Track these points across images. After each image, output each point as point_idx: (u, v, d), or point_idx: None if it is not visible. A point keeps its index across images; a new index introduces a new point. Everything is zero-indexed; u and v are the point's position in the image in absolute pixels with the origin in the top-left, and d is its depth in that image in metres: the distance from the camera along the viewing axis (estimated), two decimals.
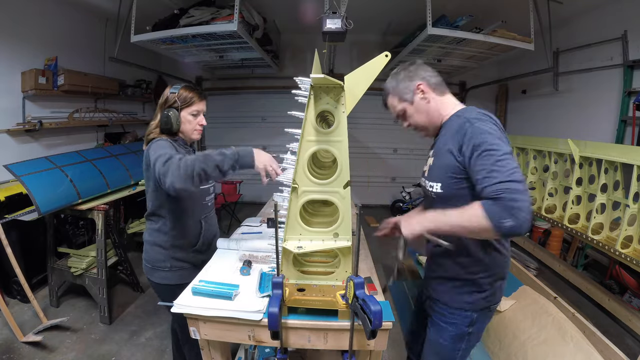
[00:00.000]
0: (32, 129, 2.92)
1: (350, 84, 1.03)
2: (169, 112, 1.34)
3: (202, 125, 1.44)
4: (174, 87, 1.38)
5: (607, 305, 2.30)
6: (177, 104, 1.35)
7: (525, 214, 0.79)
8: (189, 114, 1.38)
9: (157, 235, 1.40)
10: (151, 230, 1.42)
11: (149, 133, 1.39)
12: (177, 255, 1.41)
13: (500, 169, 0.85)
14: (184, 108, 1.37)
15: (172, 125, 1.34)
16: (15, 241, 2.39)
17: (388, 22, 4.38)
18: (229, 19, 2.83)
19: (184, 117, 1.38)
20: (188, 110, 1.38)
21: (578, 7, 3.27)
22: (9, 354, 2.04)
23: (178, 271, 1.40)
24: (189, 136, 1.43)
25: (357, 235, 0.92)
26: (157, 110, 1.40)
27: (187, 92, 1.37)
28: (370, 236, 1.97)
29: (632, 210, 1.85)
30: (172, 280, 1.39)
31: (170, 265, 1.40)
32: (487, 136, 0.91)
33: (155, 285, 1.45)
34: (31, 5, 2.98)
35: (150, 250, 1.42)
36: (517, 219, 0.79)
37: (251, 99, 5.42)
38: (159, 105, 1.40)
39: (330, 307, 0.99)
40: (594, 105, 3.32)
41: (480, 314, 1.15)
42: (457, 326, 1.16)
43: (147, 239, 1.44)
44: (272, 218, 1.45)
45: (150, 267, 1.42)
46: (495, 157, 0.87)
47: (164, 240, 1.39)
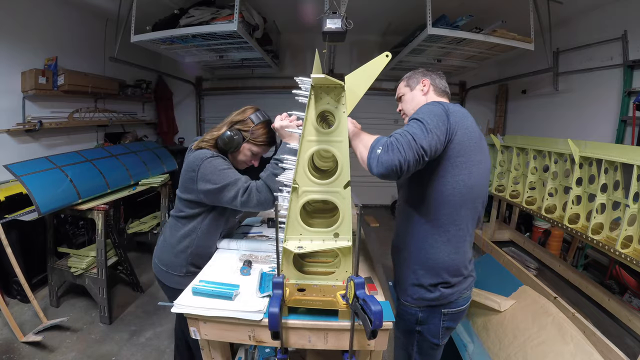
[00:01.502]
0: (32, 129, 2.92)
1: (351, 84, 1.03)
2: (234, 135, 1.28)
3: (252, 165, 1.40)
4: (257, 115, 1.32)
5: (607, 305, 2.30)
6: (247, 133, 1.30)
7: (395, 155, 0.89)
8: (249, 150, 1.33)
9: (182, 239, 1.37)
10: (176, 232, 1.38)
11: (205, 140, 1.33)
12: (195, 262, 1.38)
13: (407, 127, 0.99)
14: (250, 142, 1.32)
15: (228, 149, 1.29)
16: (15, 241, 2.38)
17: (388, 22, 4.38)
18: (229, 19, 2.83)
19: (244, 149, 1.32)
20: (251, 147, 1.33)
21: (578, 7, 3.27)
22: (9, 354, 2.04)
23: (192, 276, 1.37)
24: (236, 164, 1.38)
25: (357, 235, 0.92)
26: (225, 123, 1.34)
27: (265, 132, 1.32)
28: (370, 236, 1.96)
29: (632, 210, 1.85)
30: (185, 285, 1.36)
31: (186, 271, 1.37)
32: (420, 112, 1.03)
33: (167, 289, 1.42)
34: (31, 5, 2.98)
35: (169, 253, 1.38)
36: (387, 154, 0.90)
37: (251, 99, 5.42)
38: (231, 119, 1.34)
39: (330, 307, 0.99)
40: (594, 105, 3.32)
41: (427, 313, 1.16)
42: (405, 322, 1.22)
43: (169, 240, 1.40)
44: (272, 218, 1.45)
45: (164, 271, 1.39)
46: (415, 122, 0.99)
47: (186, 246, 1.37)
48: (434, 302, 1.16)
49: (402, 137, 0.93)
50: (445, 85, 1.25)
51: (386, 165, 0.90)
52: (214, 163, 1.24)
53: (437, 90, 1.23)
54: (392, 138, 0.94)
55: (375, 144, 0.96)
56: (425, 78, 1.24)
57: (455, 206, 1.09)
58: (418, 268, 1.16)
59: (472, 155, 1.06)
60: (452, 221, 1.10)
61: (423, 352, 1.24)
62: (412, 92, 1.25)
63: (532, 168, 2.77)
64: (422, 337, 1.21)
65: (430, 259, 1.13)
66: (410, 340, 1.23)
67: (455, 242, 1.12)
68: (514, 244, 3.49)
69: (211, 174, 1.23)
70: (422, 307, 1.17)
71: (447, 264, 1.13)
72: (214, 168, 1.23)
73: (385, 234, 4.34)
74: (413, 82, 1.26)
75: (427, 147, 0.93)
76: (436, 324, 1.18)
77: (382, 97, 4.91)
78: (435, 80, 1.24)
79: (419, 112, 1.02)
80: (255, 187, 1.21)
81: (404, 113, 1.29)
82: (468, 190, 1.08)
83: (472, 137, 1.06)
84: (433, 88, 1.23)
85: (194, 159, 1.27)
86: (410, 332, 1.22)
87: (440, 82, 1.25)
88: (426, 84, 1.23)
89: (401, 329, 1.26)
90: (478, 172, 1.09)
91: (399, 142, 0.91)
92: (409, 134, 0.93)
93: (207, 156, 1.25)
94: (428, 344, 1.22)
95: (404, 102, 1.29)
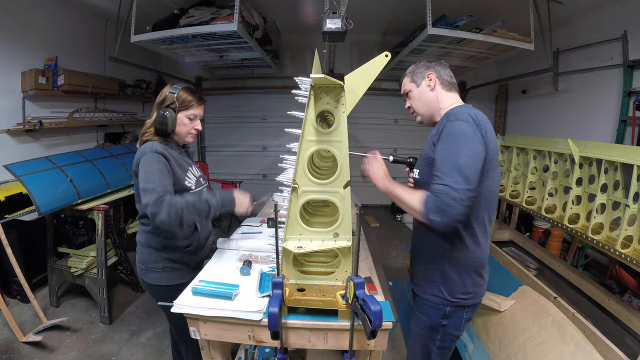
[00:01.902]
0: (32, 129, 2.92)
1: (351, 84, 1.03)
2: (166, 112, 1.31)
3: (198, 130, 1.42)
4: (173, 87, 1.35)
5: (607, 305, 2.30)
6: (174, 105, 1.33)
7: (451, 216, 0.95)
8: (185, 117, 1.36)
9: (149, 236, 1.39)
10: (143, 232, 1.41)
11: (144, 132, 1.36)
12: (169, 257, 1.39)
13: (450, 172, 0.98)
14: (182, 110, 1.34)
15: (167, 126, 1.31)
16: (15, 241, 2.39)
17: (388, 22, 4.38)
18: (229, 19, 2.83)
19: (180, 119, 1.35)
20: (185, 113, 1.35)
21: (578, 7, 3.26)
22: (9, 354, 2.04)
23: (171, 272, 1.38)
24: (183, 138, 1.41)
25: (357, 235, 0.92)
26: (154, 108, 1.37)
27: (187, 95, 1.35)
28: (370, 236, 1.96)
29: (632, 210, 1.85)
30: (164, 281, 1.38)
31: (162, 266, 1.38)
32: (454, 138, 1.02)
33: (148, 286, 1.43)
34: (31, 5, 2.98)
35: (143, 252, 1.41)
36: (443, 217, 0.96)
37: (251, 99, 5.42)
38: (155, 104, 1.37)
39: (330, 307, 0.99)
40: (594, 105, 3.32)
41: (453, 308, 1.19)
42: (430, 317, 1.23)
43: (140, 240, 1.42)
44: (272, 218, 1.45)
45: (143, 268, 1.41)
46: (452, 160, 0.99)
47: (156, 242, 1.38)
48: (463, 300, 1.19)
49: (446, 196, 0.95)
50: (450, 74, 1.23)
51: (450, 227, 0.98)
52: (149, 159, 1.26)
53: (444, 84, 1.21)
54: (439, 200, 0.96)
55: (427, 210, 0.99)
56: (430, 71, 1.21)
57: (481, 209, 1.13)
58: (447, 268, 1.18)
59: (494, 160, 1.10)
60: (478, 223, 1.14)
61: (444, 346, 1.27)
62: (418, 88, 1.23)
63: (532, 168, 2.77)
64: (446, 330, 1.23)
65: (460, 260, 1.16)
66: (434, 335, 1.25)
67: (481, 243, 1.17)
68: (514, 244, 3.49)
69: (142, 169, 1.24)
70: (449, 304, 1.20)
71: (476, 263, 1.17)
72: (147, 164, 1.25)
73: (385, 234, 4.34)
74: (418, 77, 1.23)
75: (473, 188, 0.97)
76: (460, 317, 1.22)
77: (382, 97, 4.91)
78: (440, 72, 1.21)
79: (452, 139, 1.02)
80: (168, 202, 1.17)
81: (414, 111, 1.28)
82: (491, 194, 1.14)
83: (495, 142, 1.08)
84: (440, 82, 1.20)
85: (138, 153, 1.30)
86: (435, 327, 1.24)
87: (445, 72, 1.22)
88: (432, 78, 1.20)
89: (424, 325, 1.27)
90: (497, 175, 1.14)
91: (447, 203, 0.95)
92: (452, 189, 0.95)
93: (147, 151, 1.27)
94: (450, 337, 1.25)
95: (411, 99, 1.26)
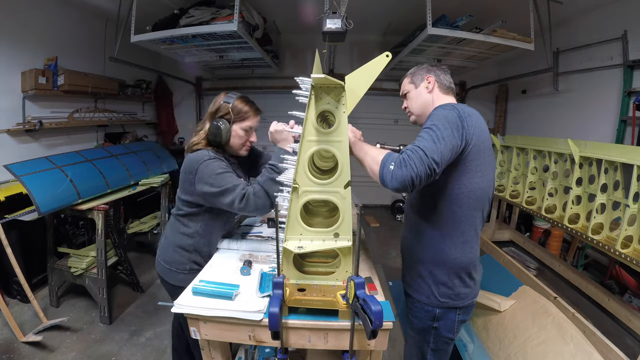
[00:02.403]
0: (32, 129, 2.92)
1: (351, 84, 1.03)
2: (220, 123, 1.27)
3: (253, 142, 1.39)
4: (228, 96, 1.32)
5: (607, 305, 2.30)
6: (229, 116, 1.29)
7: (409, 171, 0.90)
8: (240, 129, 1.32)
9: (183, 237, 1.38)
10: (177, 231, 1.40)
11: (196, 143, 1.33)
12: (197, 259, 1.40)
13: (425, 140, 0.97)
14: (237, 121, 1.30)
15: (221, 138, 1.28)
16: (15, 241, 2.39)
17: (388, 22, 4.38)
18: (229, 19, 2.83)
19: (234, 131, 1.31)
20: (240, 125, 1.32)
21: (578, 7, 3.26)
22: (9, 354, 2.04)
23: (195, 273, 1.36)
24: (236, 151, 1.38)
25: (357, 235, 0.92)
26: (206, 118, 1.33)
27: (243, 105, 1.31)
28: (370, 236, 1.96)
29: (632, 210, 1.85)
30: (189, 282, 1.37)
31: (189, 268, 1.38)
32: (435, 119, 1.02)
33: (171, 287, 1.42)
34: (31, 5, 2.98)
35: (172, 251, 1.40)
36: (399, 169, 0.91)
37: (251, 98, 5.41)
38: (209, 113, 1.33)
39: (330, 307, 0.99)
40: (594, 105, 3.32)
41: (444, 309, 1.18)
42: (421, 319, 1.23)
43: (171, 238, 1.41)
44: (272, 218, 1.45)
45: (167, 269, 1.40)
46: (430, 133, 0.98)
47: (189, 244, 1.38)
48: (452, 300, 1.17)
49: (413, 153, 0.93)
50: (450, 80, 1.25)
51: (400, 180, 0.92)
52: (211, 166, 1.24)
53: (442, 87, 1.23)
54: (404, 154, 0.94)
55: (387, 159, 0.96)
56: (430, 74, 1.23)
57: (471, 208, 1.12)
58: (435, 268, 1.17)
59: (486, 157, 1.09)
60: (467, 222, 1.13)
61: (438, 348, 1.26)
62: (417, 89, 1.25)
63: (532, 168, 2.77)
64: (438, 333, 1.22)
65: (448, 259, 1.15)
66: (426, 337, 1.24)
67: (471, 242, 1.16)
68: (514, 244, 3.49)
69: (209, 177, 1.23)
70: (439, 305, 1.19)
71: (465, 263, 1.16)
72: (211, 171, 1.23)
73: (385, 234, 4.34)
74: (417, 78, 1.25)
75: (438, 160, 0.93)
76: (452, 319, 1.20)
77: (382, 97, 4.91)
78: (440, 76, 1.23)
79: (433, 119, 1.02)
80: (252, 192, 1.21)
81: (409, 111, 1.29)
82: (482, 192, 1.12)
83: (485, 138, 1.08)
84: (438, 85, 1.23)
85: (192, 161, 1.27)
86: (426, 330, 1.23)
87: (445, 77, 1.24)
88: (431, 81, 1.22)
89: (416, 327, 1.27)
90: (489, 173, 1.13)
91: (410, 158, 0.92)
92: (419, 149, 0.93)
93: (204, 158, 1.25)
94: (443, 340, 1.24)
95: (409, 99, 1.28)
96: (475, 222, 1.15)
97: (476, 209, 1.13)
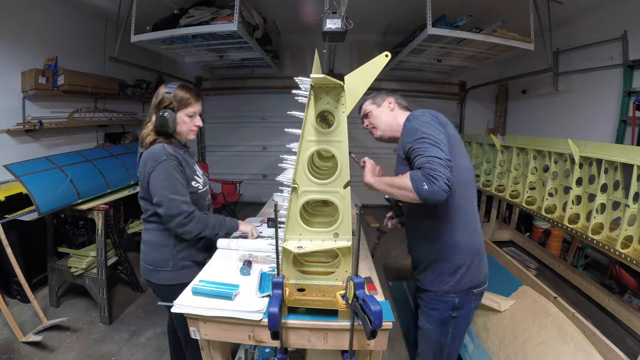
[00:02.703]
0: (32, 129, 2.92)
1: (351, 84, 1.03)
2: (165, 114, 1.30)
3: (198, 126, 1.42)
4: (168, 87, 1.34)
5: (607, 305, 2.30)
6: (172, 105, 1.32)
7: (441, 179, 0.97)
8: (185, 115, 1.35)
9: (160, 234, 1.38)
10: (153, 230, 1.40)
11: (146, 135, 1.35)
12: (181, 254, 1.39)
13: (425, 148, 1.05)
14: (180, 109, 1.34)
15: (168, 127, 1.31)
16: (15, 241, 2.38)
17: (388, 22, 4.38)
18: (229, 19, 2.83)
19: (180, 118, 1.34)
20: (184, 112, 1.35)
21: (578, 7, 3.26)
22: (9, 354, 2.04)
23: (181, 270, 1.38)
24: (185, 137, 1.42)
25: (357, 235, 0.92)
26: (151, 110, 1.36)
27: (184, 93, 1.34)
28: (371, 236, 1.97)
29: (632, 210, 1.85)
30: (175, 279, 1.37)
31: (173, 265, 1.38)
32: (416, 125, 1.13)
33: (156, 287, 1.42)
34: (31, 5, 2.98)
35: (153, 252, 1.40)
36: (433, 184, 0.97)
37: (251, 99, 5.42)
38: (153, 106, 1.36)
39: (330, 307, 0.99)
40: (594, 105, 3.32)
41: (461, 297, 1.22)
42: (440, 311, 1.26)
43: (149, 239, 1.41)
44: (272, 218, 1.45)
45: (151, 269, 1.40)
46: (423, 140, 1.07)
47: (168, 238, 1.38)
48: (469, 284, 1.21)
49: (432, 164, 1.00)
50: (407, 103, 1.41)
51: (440, 192, 0.97)
52: (166, 166, 1.28)
53: (402, 107, 1.38)
54: (425, 170, 1.00)
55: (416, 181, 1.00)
56: (390, 97, 1.39)
57: (467, 188, 1.21)
58: (450, 255, 1.21)
59: (461, 148, 1.22)
60: (466, 202, 1.21)
61: (456, 337, 1.29)
62: (379, 108, 1.38)
63: (532, 168, 2.77)
64: (457, 321, 1.26)
65: (459, 244, 1.20)
66: (445, 329, 1.27)
67: (474, 221, 1.23)
68: (514, 244, 3.49)
69: (162, 177, 1.28)
70: (457, 293, 1.22)
71: (474, 243, 1.22)
72: (166, 171, 1.29)
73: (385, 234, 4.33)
74: (379, 100, 1.39)
75: (449, 157, 1.03)
76: (469, 306, 1.25)
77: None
78: (399, 99, 1.40)
79: (417, 130, 1.11)
80: (199, 219, 1.34)
81: (373, 126, 1.41)
82: (469, 172, 1.23)
83: (455, 132, 1.21)
84: (398, 105, 1.38)
85: (148, 158, 1.30)
86: (446, 321, 1.26)
87: (403, 101, 1.41)
88: (392, 102, 1.38)
89: (434, 321, 1.28)
90: (466, 155, 1.25)
91: (433, 169, 0.99)
92: (433, 157, 1.01)
93: (161, 156, 1.29)
94: (461, 328, 1.28)
95: (371, 117, 1.40)
96: (472, 201, 1.24)
97: (469, 188, 1.23)
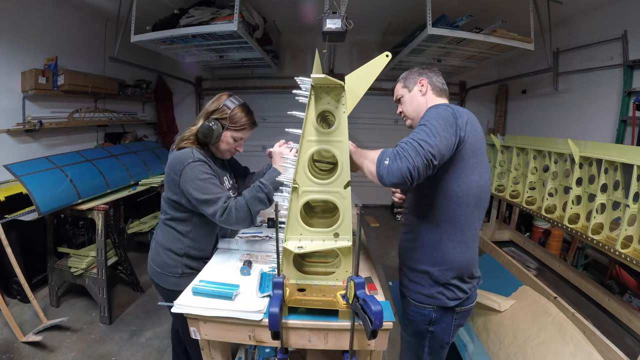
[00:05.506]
0: (32, 129, 2.92)
1: (351, 84, 1.03)
2: (213, 125, 1.24)
3: (239, 151, 1.37)
4: (231, 99, 1.28)
5: (607, 305, 2.30)
6: (225, 121, 1.26)
7: (405, 162, 0.89)
8: (231, 137, 1.29)
9: (173, 241, 1.36)
10: (167, 234, 1.38)
11: (186, 138, 1.30)
12: (189, 263, 1.38)
13: (419, 133, 0.97)
14: (231, 129, 1.28)
15: (209, 139, 1.25)
16: (15, 241, 2.38)
17: (388, 22, 4.38)
18: (229, 19, 2.83)
19: (225, 137, 1.28)
20: (233, 134, 1.29)
21: (578, 7, 3.26)
22: (9, 354, 2.04)
23: (190, 277, 1.33)
24: (220, 155, 1.36)
25: (357, 235, 0.92)
26: (201, 115, 1.30)
27: (242, 115, 1.28)
28: (371, 236, 1.96)
29: (632, 210, 1.85)
30: (183, 286, 1.33)
31: (181, 272, 1.36)
32: (429, 116, 1.03)
33: (164, 291, 1.40)
34: (31, 5, 2.97)
35: (162, 255, 1.38)
36: (394, 162, 0.90)
37: (251, 99, 5.34)
38: (205, 111, 1.30)
39: (330, 307, 0.99)
40: (594, 105, 3.32)
41: (440, 313, 1.17)
42: (417, 323, 1.21)
43: (161, 242, 1.39)
44: (272, 218, 1.45)
45: (159, 272, 1.38)
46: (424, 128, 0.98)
47: (179, 248, 1.36)
48: (450, 302, 1.16)
49: (408, 145, 0.92)
50: (442, 82, 1.25)
51: (397, 173, 0.90)
52: (195, 170, 1.21)
53: (435, 89, 1.23)
54: (398, 147, 0.94)
55: (382, 155, 0.95)
56: (422, 77, 1.23)
57: (469, 206, 1.11)
58: (433, 268, 1.15)
59: (481, 156, 1.09)
60: (466, 221, 1.12)
61: (433, 352, 1.24)
62: (410, 93, 1.25)
63: (532, 168, 2.77)
64: (434, 336, 1.21)
65: (446, 259, 1.14)
66: (421, 341, 1.22)
67: (469, 242, 1.15)
68: (514, 244, 3.49)
69: (192, 182, 1.21)
70: (436, 308, 1.17)
71: (463, 263, 1.14)
72: (195, 176, 1.21)
73: (386, 234, 4.34)
74: (410, 82, 1.25)
75: (435, 152, 0.92)
76: (448, 323, 1.19)
77: (382, 97, 4.89)
78: (432, 78, 1.23)
79: (426, 117, 1.02)
80: (234, 206, 1.20)
81: (404, 115, 1.29)
82: (480, 190, 1.11)
83: (480, 137, 1.09)
84: (431, 87, 1.23)
85: (175, 161, 1.25)
86: (422, 333, 1.21)
87: (437, 79, 1.24)
88: (424, 84, 1.22)
89: (411, 331, 1.25)
90: (486, 172, 1.13)
91: (405, 150, 0.91)
92: (414, 140, 0.93)
93: (188, 161, 1.22)
94: (439, 344, 1.23)
95: (403, 103, 1.28)
96: (474, 222, 1.14)
97: (476, 207, 1.12)
